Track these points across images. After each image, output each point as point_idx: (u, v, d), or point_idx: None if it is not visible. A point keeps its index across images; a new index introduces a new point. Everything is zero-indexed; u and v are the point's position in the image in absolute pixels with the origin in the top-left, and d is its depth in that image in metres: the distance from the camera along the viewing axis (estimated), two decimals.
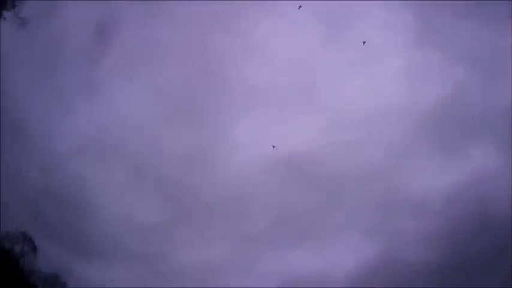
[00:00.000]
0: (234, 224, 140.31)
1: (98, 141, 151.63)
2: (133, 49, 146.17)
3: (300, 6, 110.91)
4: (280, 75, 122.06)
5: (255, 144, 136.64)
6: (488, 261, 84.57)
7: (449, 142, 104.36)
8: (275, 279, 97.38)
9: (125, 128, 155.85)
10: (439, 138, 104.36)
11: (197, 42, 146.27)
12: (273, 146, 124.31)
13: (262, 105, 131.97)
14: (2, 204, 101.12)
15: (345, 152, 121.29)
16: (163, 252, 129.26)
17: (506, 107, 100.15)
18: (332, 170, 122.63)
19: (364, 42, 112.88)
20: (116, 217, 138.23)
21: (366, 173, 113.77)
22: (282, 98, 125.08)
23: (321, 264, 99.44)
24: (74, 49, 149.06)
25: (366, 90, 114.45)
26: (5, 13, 30.47)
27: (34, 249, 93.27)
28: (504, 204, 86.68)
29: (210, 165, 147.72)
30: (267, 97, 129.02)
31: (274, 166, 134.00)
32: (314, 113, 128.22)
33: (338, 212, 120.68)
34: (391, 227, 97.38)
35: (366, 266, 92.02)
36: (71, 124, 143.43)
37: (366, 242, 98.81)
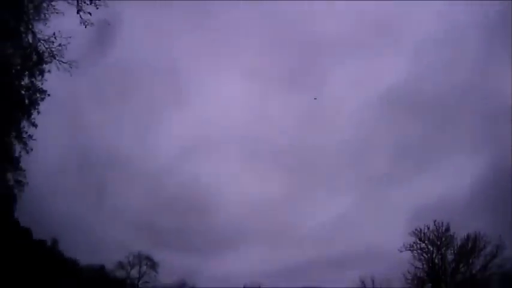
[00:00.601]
0: (357, 171, 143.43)
1: (201, 139, 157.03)
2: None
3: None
4: None
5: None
6: None
7: None
8: (404, 210, 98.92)
9: (226, 118, 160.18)
10: None
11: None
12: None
13: None
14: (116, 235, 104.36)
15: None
16: (292, 222, 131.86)
17: None
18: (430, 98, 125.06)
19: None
20: (237, 203, 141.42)
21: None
22: None
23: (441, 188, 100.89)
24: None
25: None
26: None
27: (153, 265, 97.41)
28: None
29: (320, 124, 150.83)
30: None
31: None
32: None
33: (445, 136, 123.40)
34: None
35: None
36: (167, 133, 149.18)
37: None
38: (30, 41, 30.77)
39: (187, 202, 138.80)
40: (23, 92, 32.53)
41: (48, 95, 32.47)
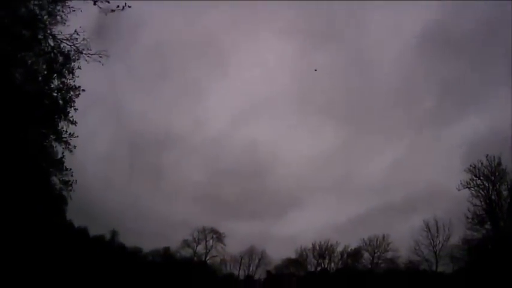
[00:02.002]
0: (407, 114, 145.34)
1: (249, 104, 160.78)
2: None
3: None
4: None
5: None
6: None
7: None
8: (458, 148, 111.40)
9: (271, 78, 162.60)
10: None
11: None
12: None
13: None
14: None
15: None
16: (351, 172, 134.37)
17: None
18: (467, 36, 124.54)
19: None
20: (295, 160, 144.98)
21: None
22: None
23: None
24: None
25: None
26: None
27: (220, 238, 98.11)
28: None
29: (366, 71, 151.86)
30: None
31: None
32: None
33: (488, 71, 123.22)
34: None
35: None
36: (215, 104, 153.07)
37: None
38: (52, 44, 30.90)
39: (246, 168, 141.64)
40: (54, 94, 32.83)
41: (83, 90, 32.41)
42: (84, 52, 30.70)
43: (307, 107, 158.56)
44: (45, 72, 32.20)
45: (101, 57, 30.73)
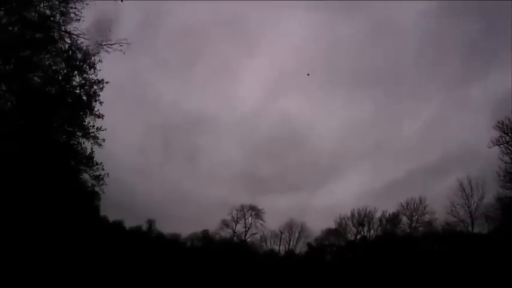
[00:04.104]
0: (434, 75, 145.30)
1: (279, 77, 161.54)
2: None
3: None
4: None
5: None
6: None
7: None
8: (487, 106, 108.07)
9: (299, 51, 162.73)
10: None
11: None
12: (308, 74, 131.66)
13: None
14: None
15: None
16: (385, 137, 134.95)
17: None
18: None
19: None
20: (329, 130, 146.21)
21: None
22: None
23: None
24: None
25: None
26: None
27: (259, 214, 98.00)
28: None
29: (390, 38, 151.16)
30: None
31: None
32: None
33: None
34: None
35: None
36: (246, 82, 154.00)
37: None
38: (69, 41, 30.94)
39: (281, 142, 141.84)
40: (77, 91, 32.96)
41: (107, 82, 32.50)
42: (103, 44, 30.75)
43: (336, 77, 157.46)
44: (65, 71, 32.32)
45: (121, 45, 30.68)
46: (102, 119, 32.89)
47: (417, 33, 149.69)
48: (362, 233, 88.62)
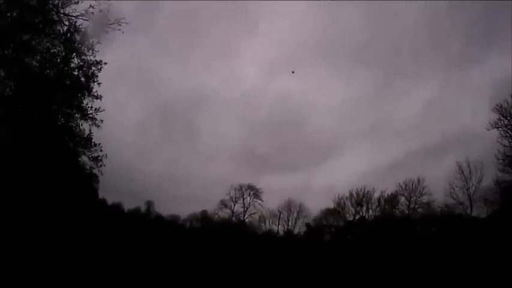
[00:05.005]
0: (435, 56, 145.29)
1: (279, 56, 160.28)
2: None
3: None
4: None
5: None
6: None
7: None
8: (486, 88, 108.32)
9: (299, 29, 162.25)
10: None
11: None
12: (292, 72, 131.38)
13: None
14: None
15: None
16: (385, 117, 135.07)
17: None
18: None
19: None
20: (329, 109, 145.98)
21: None
22: None
23: None
24: None
25: None
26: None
27: (257, 194, 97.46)
28: None
29: (390, 18, 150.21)
30: None
31: None
32: None
33: None
34: None
35: None
36: (246, 60, 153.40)
37: None
38: (67, 23, 30.70)
39: (281, 120, 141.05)
40: (75, 72, 32.74)
41: (105, 63, 32.33)
42: (101, 25, 30.40)
43: (336, 56, 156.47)
44: (63, 53, 32.04)
45: (120, 25, 30.38)
46: (101, 100, 32.93)
47: (418, 14, 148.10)
48: (360, 213, 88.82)
